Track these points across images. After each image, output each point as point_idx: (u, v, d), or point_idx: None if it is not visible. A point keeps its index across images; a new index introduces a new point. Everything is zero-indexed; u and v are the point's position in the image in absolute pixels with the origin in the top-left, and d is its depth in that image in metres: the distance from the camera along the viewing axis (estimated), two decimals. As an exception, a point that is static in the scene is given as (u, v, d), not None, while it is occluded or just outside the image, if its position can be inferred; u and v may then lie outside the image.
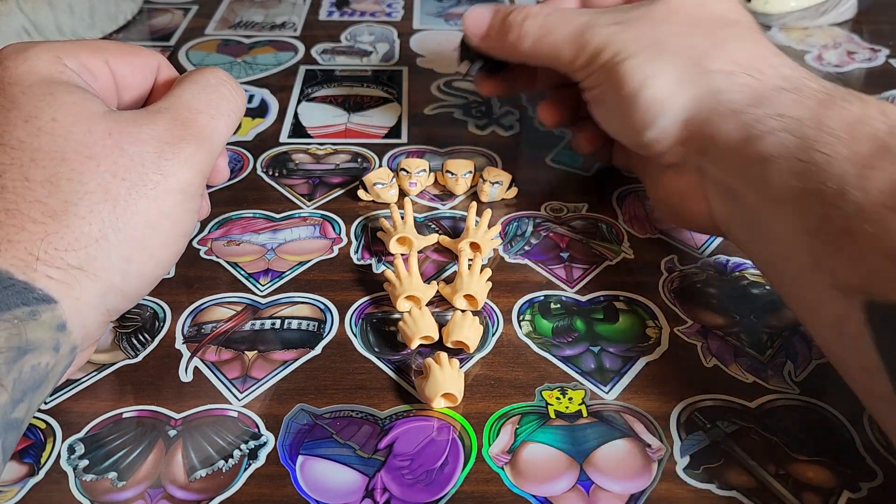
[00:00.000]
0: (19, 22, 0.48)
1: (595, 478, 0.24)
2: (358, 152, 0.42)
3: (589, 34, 0.29)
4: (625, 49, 0.28)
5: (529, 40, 0.31)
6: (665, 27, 0.29)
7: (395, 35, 0.56)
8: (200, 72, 0.27)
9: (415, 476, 0.24)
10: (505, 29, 0.32)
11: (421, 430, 0.26)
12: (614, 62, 0.29)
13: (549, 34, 0.31)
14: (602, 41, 0.29)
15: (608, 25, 0.29)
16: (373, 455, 0.25)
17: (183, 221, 0.25)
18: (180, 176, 0.24)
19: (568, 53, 0.30)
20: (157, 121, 0.24)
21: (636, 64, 0.28)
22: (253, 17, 0.59)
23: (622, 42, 0.29)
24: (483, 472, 0.25)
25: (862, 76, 0.51)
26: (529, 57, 0.32)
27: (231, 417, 0.26)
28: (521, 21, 0.32)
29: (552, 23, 0.31)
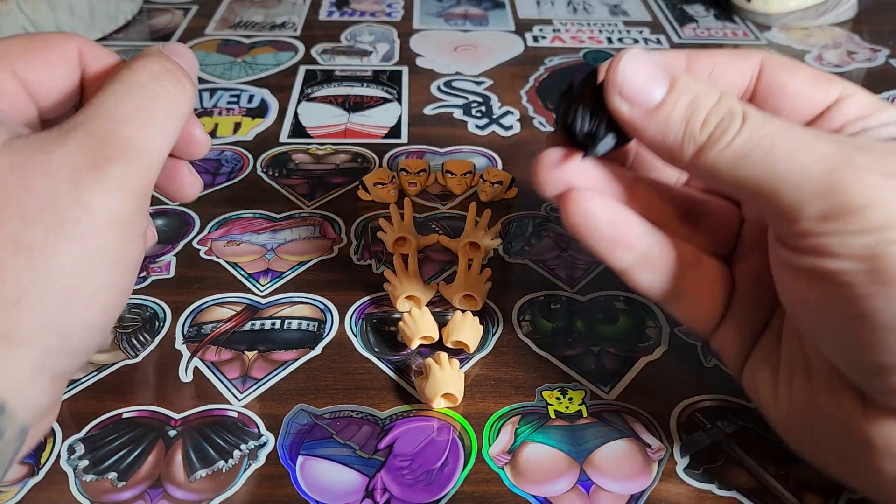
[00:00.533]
0: (19, 22, 0.48)
1: (595, 478, 0.24)
2: (358, 152, 0.42)
3: (847, 176, 0.18)
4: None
5: (732, 154, 0.19)
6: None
7: (395, 35, 0.56)
8: (130, 66, 0.22)
9: (415, 476, 0.24)
10: (695, 119, 0.19)
11: (421, 430, 0.26)
12: (887, 239, 0.17)
13: (770, 154, 0.18)
14: (870, 195, 0.17)
15: (879, 175, 0.18)
16: (373, 455, 0.25)
17: (124, 256, 0.20)
18: (108, 206, 0.19)
19: (797, 192, 0.18)
20: (70, 141, 0.19)
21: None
22: (253, 17, 0.59)
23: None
24: (483, 472, 0.25)
25: (862, 76, 0.51)
26: (713, 174, 0.19)
27: (231, 417, 0.26)
28: (726, 118, 0.19)
29: (777, 138, 0.18)
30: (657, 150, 0.20)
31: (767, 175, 0.18)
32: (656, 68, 0.20)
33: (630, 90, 0.20)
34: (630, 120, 0.20)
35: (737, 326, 0.23)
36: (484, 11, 0.60)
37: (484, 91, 0.48)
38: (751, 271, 0.23)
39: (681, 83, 0.20)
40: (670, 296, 0.23)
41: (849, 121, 0.21)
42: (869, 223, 0.17)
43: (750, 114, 0.19)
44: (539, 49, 0.54)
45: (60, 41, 0.23)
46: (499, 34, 0.56)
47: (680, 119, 0.19)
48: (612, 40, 0.56)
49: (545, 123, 0.45)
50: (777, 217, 0.19)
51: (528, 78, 0.50)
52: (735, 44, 0.55)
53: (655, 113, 0.20)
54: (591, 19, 0.59)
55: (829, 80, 0.22)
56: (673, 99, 0.19)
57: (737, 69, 0.23)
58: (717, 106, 0.19)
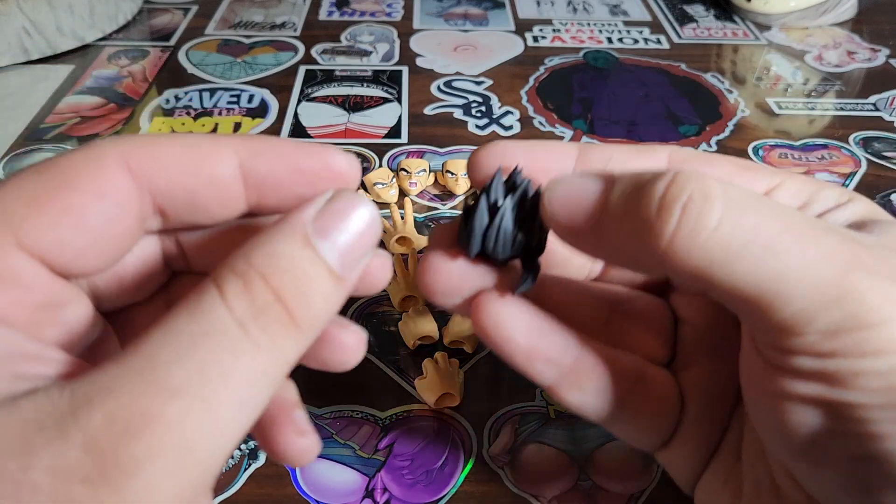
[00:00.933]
0: (19, 22, 0.48)
1: (595, 478, 0.24)
2: (358, 152, 0.42)
3: (862, 282, 0.14)
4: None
5: (711, 254, 0.14)
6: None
7: (395, 35, 0.56)
8: (203, 292, 0.13)
9: (415, 476, 0.24)
10: (650, 219, 0.15)
11: (421, 430, 0.26)
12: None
13: (770, 249, 0.14)
14: (885, 307, 0.14)
15: (890, 281, 0.15)
16: (373, 455, 0.25)
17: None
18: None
19: (804, 300, 0.14)
20: (71, 431, 0.12)
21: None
22: (253, 17, 0.59)
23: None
24: (483, 472, 0.25)
25: (862, 76, 0.51)
26: (693, 279, 0.15)
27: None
28: (697, 208, 0.14)
29: (777, 226, 0.14)
30: (624, 261, 0.17)
31: (772, 275, 0.14)
32: (584, 178, 0.16)
33: (564, 212, 0.16)
34: (574, 240, 0.16)
35: (688, 444, 0.20)
36: (484, 11, 0.60)
37: (484, 91, 0.48)
38: (698, 382, 0.20)
39: (619, 178, 0.16)
40: (607, 418, 0.19)
41: None
42: (887, 344, 0.14)
43: (727, 194, 0.15)
44: (539, 49, 0.54)
45: (90, 163, 0.14)
46: (499, 34, 0.56)
47: (625, 214, 0.15)
48: (612, 40, 0.56)
49: (545, 123, 0.45)
50: (770, 330, 0.15)
51: (528, 78, 0.50)
52: (735, 44, 0.55)
53: (598, 224, 0.16)
54: (590, 19, 0.59)
55: (753, 171, 0.18)
56: (612, 198, 0.15)
57: (638, 164, 0.18)
58: (677, 188, 0.15)
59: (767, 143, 0.43)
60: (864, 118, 0.46)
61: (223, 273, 0.13)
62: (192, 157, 0.15)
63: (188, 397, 0.12)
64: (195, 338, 0.12)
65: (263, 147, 0.16)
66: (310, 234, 0.14)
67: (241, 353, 0.13)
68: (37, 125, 0.44)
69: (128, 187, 0.15)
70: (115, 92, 0.47)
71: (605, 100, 0.47)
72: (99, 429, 0.11)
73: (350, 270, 0.15)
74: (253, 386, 0.13)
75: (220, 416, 0.12)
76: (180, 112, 0.45)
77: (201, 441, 0.12)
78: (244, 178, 0.16)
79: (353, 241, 0.15)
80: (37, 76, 0.49)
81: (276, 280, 0.13)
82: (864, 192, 0.39)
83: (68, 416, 0.12)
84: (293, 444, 0.16)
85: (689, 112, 0.46)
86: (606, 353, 0.19)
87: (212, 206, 0.16)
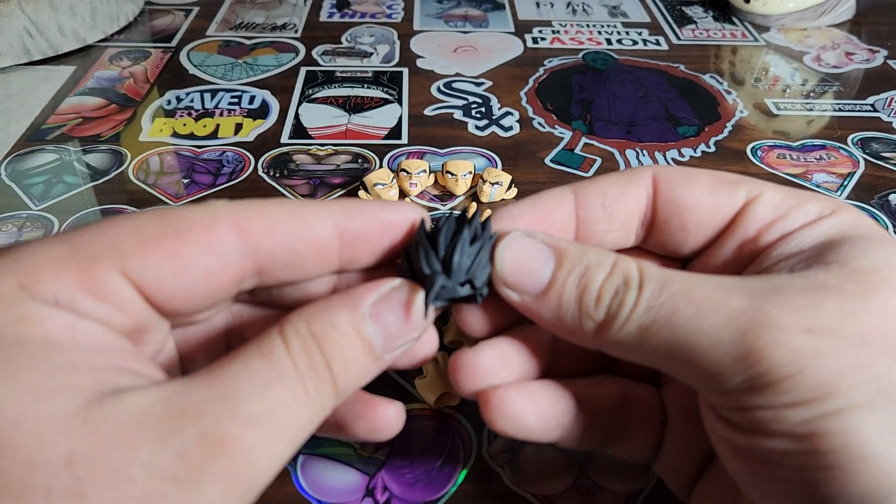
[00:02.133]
0: (21, 23, 0.48)
1: (594, 477, 0.24)
2: (358, 153, 0.42)
3: (763, 338, 0.15)
4: (841, 393, 0.15)
5: (635, 327, 0.17)
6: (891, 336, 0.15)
7: (395, 36, 0.56)
8: (271, 340, 0.16)
9: (415, 475, 0.25)
10: (588, 296, 0.17)
11: (421, 429, 0.26)
12: (823, 413, 0.15)
13: (674, 322, 0.16)
14: (792, 361, 0.15)
15: (800, 332, 0.15)
16: (373, 454, 0.25)
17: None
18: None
19: (712, 361, 0.16)
20: (179, 431, 0.14)
21: (874, 429, 0.15)
22: (254, 18, 0.59)
23: (829, 376, 0.15)
24: (483, 471, 0.25)
25: (860, 77, 0.51)
26: (623, 351, 0.17)
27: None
28: (620, 289, 0.17)
29: (680, 301, 0.16)
30: (560, 334, 0.18)
31: (678, 344, 0.16)
32: (539, 247, 0.18)
33: (514, 278, 0.18)
34: (522, 308, 0.18)
35: (676, 455, 0.21)
36: (484, 13, 0.61)
37: (484, 92, 0.48)
38: (680, 395, 0.21)
39: (568, 257, 0.18)
40: (597, 446, 0.21)
41: (764, 226, 0.19)
42: (798, 395, 0.15)
43: (648, 277, 0.17)
44: (538, 50, 0.54)
45: (205, 219, 0.16)
46: (498, 35, 0.57)
47: (572, 299, 0.17)
48: (611, 42, 0.56)
49: (544, 124, 0.45)
50: (702, 388, 0.17)
51: (528, 79, 0.50)
52: (734, 45, 0.56)
53: (545, 297, 0.18)
54: (590, 21, 0.60)
55: (732, 184, 0.19)
56: (562, 277, 0.18)
57: (630, 194, 0.20)
58: (610, 276, 0.17)
59: (766, 143, 0.43)
60: (863, 119, 0.46)
61: (289, 331, 0.16)
62: (296, 219, 0.17)
63: (261, 428, 0.14)
64: (270, 380, 0.15)
65: (355, 208, 0.18)
66: (364, 316, 0.16)
67: (301, 402, 0.15)
68: (39, 126, 0.44)
69: (235, 246, 0.16)
70: (116, 93, 0.47)
71: (605, 101, 0.48)
72: (191, 441, 0.13)
73: (390, 353, 0.17)
74: (302, 429, 0.15)
75: (278, 448, 0.15)
76: (181, 113, 0.45)
77: (262, 465, 0.14)
78: (340, 237, 0.18)
79: (400, 332, 0.17)
80: (38, 77, 0.49)
81: (328, 349, 0.16)
82: (863, 192, 0.39)
83: (166, 423, 0.13)
84: (389, 415, 0.19)
85: (687, 113, 0.46)
86: (591, 388, 0.20)
87: (309, 264, 0.18)
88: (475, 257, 0.18)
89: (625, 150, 0.42)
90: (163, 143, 0.42)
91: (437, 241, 0.18)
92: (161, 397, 0.14)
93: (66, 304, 0.15)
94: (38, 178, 0.39)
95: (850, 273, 0.16)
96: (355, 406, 0.19)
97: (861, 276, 0.16)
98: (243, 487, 0.14)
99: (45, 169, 0.40)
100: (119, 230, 0.16)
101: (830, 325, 0.15)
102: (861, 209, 0.38)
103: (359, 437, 0.19)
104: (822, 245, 0.18)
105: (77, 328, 0.14)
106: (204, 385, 0.14)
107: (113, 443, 0.13)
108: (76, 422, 0.13)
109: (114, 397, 0.14)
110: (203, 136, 0.43)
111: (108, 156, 0.41)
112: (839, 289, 0.16)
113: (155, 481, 0.13)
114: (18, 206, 0.37)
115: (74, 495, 0.12)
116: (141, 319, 0.16)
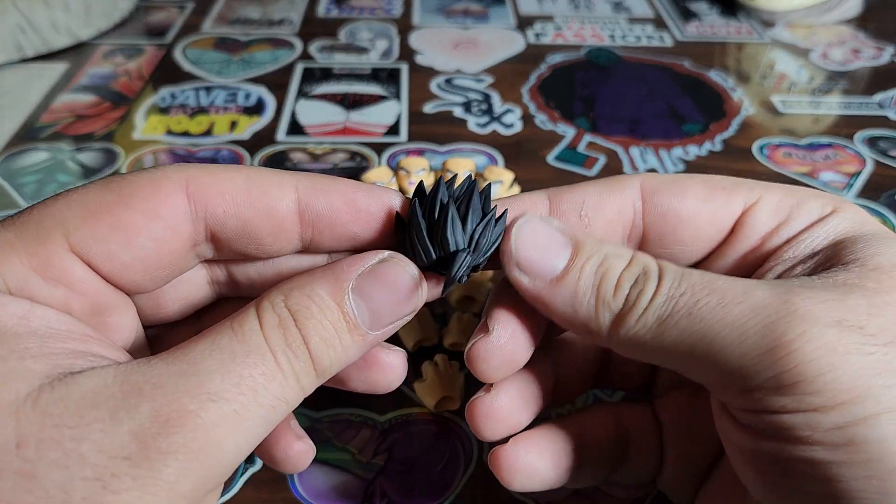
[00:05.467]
0: (14, 20, 0.48)
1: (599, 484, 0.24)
2: (357, 151, 0.41)
3: (792, 329, 0.14)
4: (874, 395, 0.14)
5: (654, 318, 0.16)
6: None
7: (394, 31, 0.55)
8: (242, 317, 0.15)
9: (414, 481, 0.24)
10: (606, 284, 0.16)
11: (420, 434, 0.25)
12: (858, 418, 0.14)
13: (695, 312, 0.15)
14: (824, 356, 0.14)
15: (830, 326, 0.14)
16: (372, 459, 0.25)
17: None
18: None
19: (736, 355, 0.15)
20: (124, 414, 0.13)
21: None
22: (250, 13, 0.58)
23: (861, 376, 0.14)
24: (484, 476, 0.24)
25: (867, 74, 0.50)
26: (639, 346, 0.16)
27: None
28: (640, 278, 0.16)
29: (700, 291, 0.15)
30: (571, 327, 0.17)
31: (699, 337, 0.15)
32: (555, 233, 0.17)
33: (528, 261, 0.17)
34: (534, 294, 0.17)
35: (676, 468, 0.21)
36: (484, 8, 0.60)
37: (485, 89, 0.47)
38: (673, 408, 0.21)
39: (586, 246, 0.17)
40: (608, 474, 0.21)
41: (765, 235, 0.18)
42: (829, 396, 0.14)
43: (667, 269, 0.16)
44: (540, 46, 0.54)
45: (150, 184, 0.15)
46: (500, 31, 0.56)
47: (589, 286, 0.16)
48: (614, 37, 0.55)
49: (547, 122, 0.44)
50: (723, 389, 0.15)
51: (530, 75, 0.49)
52: (739, 42, 0.55)
53: (561, 283, 0.17)
54: (593, 16, 0.59)
55: (728, 190, 0.18)
56: (579, 265, 0.17)
57: (611, 204, 0.19)
58: (630, 266, 0.16)
59: (772, 141, 0.42)
60: (869, 117, 0.45)
61: (263, 304, 0.15)
62: (252, 187, 0.16)
63: (224, 404, 0.13)
64: (237, 355, 0.14)
65: (324, 184, 0.17)
66: (346, 289, 0.15)
67: (271, 377, 0.14)
68: (32, 124, 0.43)
69: (183, 211, 0.15)
70: (110, 90, 0.47)
71: (608, 98, 0.47)
72: (145, 418, 0.13)
73: (379, 331, 0.16)
74: (275, 407, 0.14)
75: (245, 426, 0.14)
76: (176, 110, 0.45)
77: (227, 444, 0.14)
78: (301, 214, 0.16)
79: (387, 308, 0.16)
80: (32, 74, 0.48)
81: (305, 323, 0.15)
82: (871, 191, 0.38)
83: (120, 400, 0.13)
84: (292, 448, 0.18)
85: (692, 110, 0.46)
86: (587, 424, 0.20)
87: (265, 239, 0.16)
88: (493, 235, 0.17)
89: (629, 147, 0.42)
90: (157, 141, 0.42)
91: (445, 211, 0.16)
92: (117, 376, 0.13)
93: (19, 290, 0.14)
94: (31, 178, 0.38)
95: (870, 271, 0.16)
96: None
97: (881, 273, 0.16)
98: (205, 467, 0.13)
99: (37, 168, 0.39)
100: (63, 204, 0.15)
101: (859, 319, 0.14)
102: (868, 208, 0.37)
103: (357, 389, 0.18)
104: (833, 246, 0.17)
105: (32, 315, 0.14)
106: (166, 363, 0.14)
107: (63, 423, 0.13)
108: (27, 406, 0.13)
109: (67, 379, 0.13)
110: (198, 134, 0.42)
111: (102, 154, 0.40)
112: (861, 286, 0.15)
113: (106, 460, 0.13)
114: (10, 206, 0.36)
115: (24, 477, 0.12)
116: (99, 298, 0.15)
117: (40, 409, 0.13)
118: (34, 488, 0.12)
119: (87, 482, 0.12)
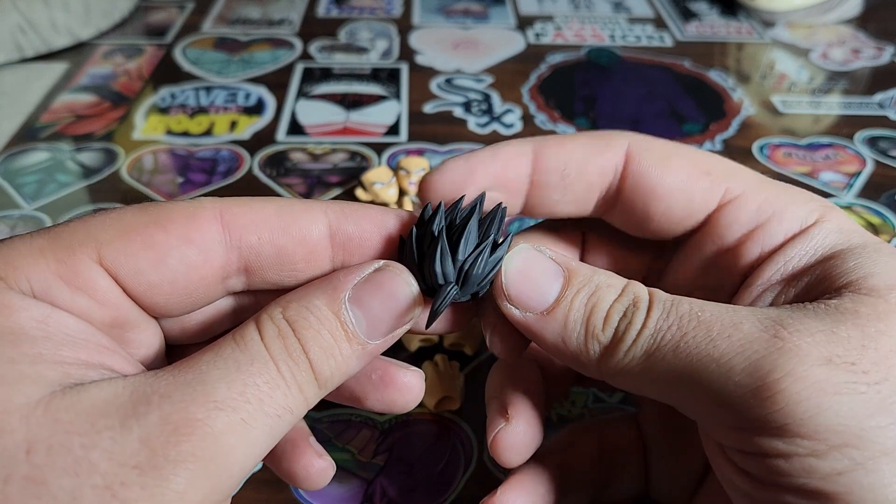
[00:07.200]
0: (14, 19, 0.48)
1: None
2: (356, 151, 0.41)
3: (778, 369, 0.14)
4: (868, 439, 0.13)
5: (641, 351, 0.15)
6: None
7: (394, 31, 0.55)
8: (248, 329, 0.15)
9: (414, 481, 0.24)
10: (596, 316, 0.16)
11: (420, 434, 0.25)
12: (855, 464, 0.13)
13: (681, 346, 0.15)
14: (809, 398, 0.13)
15: (817, 364, 0.14)
16: (372, 460, 0.24)
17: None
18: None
19: (722, 393, 0.14)
20: (133, 423, 0.13)
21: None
22: (250, 13, 0.58)
23: (853, 417, 0.13)
24: (484, 476, 0.24)
25: (867, 74, 0.50)
26: (628, 380, 0.16)
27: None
28: (629, 310, 0.16)
29: (687, 323, 0.15)
30: (562, 358, 0.17)
31: (686, 373, 0.14)
32: (547, 263, 0.17)
33: (518, 295, 0.17)
34: (524, 326, 0.17)
35: (665, 477, 0.21)
36: (484, 8, 0.60)
37: (485, 89, 0.47)
38: (655, 418, 0.21)
39: (578, 276, 0.17)
40: (596, 494, 0.21)
41: (742, 237, 0.18)
42: (821, 440, 0.13)
43: (657, 299, 0.16)
44: (541, 46, 0.54)
45: (186, 211, 0.16)
46: (500, 31, 0.56)
47: (579, 319, 0.16)
48: (614, 37, 0.55)
49: (547, 121, 0.44)
50: (715, 427, 0.15)
51: (530, 75, 0.49)
52: (740, 42, 0.55)
53: (551, 315, 0.16)
54: (593, 16, 0.59)
55: (712, 177, 0.18)
56: (569, 296, 0.16)
57: (595, 166, 0.18)
58: (620, 297, 0.16)
59: (772, 141, 0.42)
60: (870, 117, 0.45)
61: (262, 316, 0.15)
62: (283, 215, 0.16)
63: (230, 412, 0.14)
64: (240, 364, 0.14)
65: (351, 209, 0.17)
66: (343, 300, 0.15)
67: (275, 386, 0.14)
68: (31, 124, 0.43)
69: (217, 239, 0.16)
70: (110, 90, 0.47)
71: (608, 97, 0.47)
72: (154, 426, 0.13)
73: (378, 340, 0.16)
74: (280, 416, 0.14)
75: (252, 434, 0.14)
76: (176, 110, 0.45)
77: (235, 452, 0.14)
78: (332, 238, 0.17)
79: (385, 317, 0.16)
80: (31, 74, 0.48)
81: (304, 333, 0.15)
82: (871, 191, 0.38)
83: (129, 409, 0.13)
84: (314, 466, 0.18)
85: (692, 110, 0.46)
86: (568, 452, 0.21)
87: (298, 265, 0.17)
88: (488, 267, 0.17)
89: (628, 147, 0.42)
90: (157, 141, 0.42)
91: (434, 243, 0.16)
92: (127, 387, 0.14)
93: (43, 294, 0.14)
94: (31, 178, 0.38)
95: (864, 296, 0.15)
96: (370, 373, 0.18)
97: (876, 298, 0.15)
98: (214, 475, 0.13)
99: (37, 168, 0.39)
100: (100, 221, 0.15)
101: (851, 354, 0.14)
102: (868, 208, 0.37)
103: (374, 408, 0.18)
104: (822, 262, 0.17)
105: (52, 320, 0.14)
106: (172, 374, 0.14)
107: (74, 430, 0.13)
108: (37, 411, 0.13)
109: (78, 388, 0.13)
110: (198, 134, 0.42)
111: (102, 154, 0.40)
112: (855, 312, 0.15)
113: (116, 467, 0.13)
114: (10, 206, 0.36)
115: (33, 483, 0.12)
116: (121, 313, 0.15)
117: (51, 415, 0.13)
118: (43, 494, 0.12)
119: (96, 490, 0.12)
